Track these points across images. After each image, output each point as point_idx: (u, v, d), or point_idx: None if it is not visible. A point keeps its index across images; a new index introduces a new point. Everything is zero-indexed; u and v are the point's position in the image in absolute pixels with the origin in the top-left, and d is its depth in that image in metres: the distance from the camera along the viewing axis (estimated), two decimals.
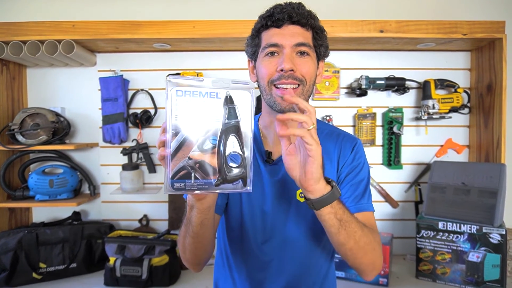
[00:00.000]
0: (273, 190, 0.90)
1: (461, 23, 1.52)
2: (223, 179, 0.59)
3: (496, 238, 1.37)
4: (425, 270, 1.50)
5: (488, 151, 1.62)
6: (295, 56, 0.81)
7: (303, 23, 0.82)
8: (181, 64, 1.75)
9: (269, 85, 0.81)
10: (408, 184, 1.78)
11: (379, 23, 1.51)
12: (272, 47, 0.81)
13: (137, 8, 1.76)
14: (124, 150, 1.70)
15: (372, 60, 1.75)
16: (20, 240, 1.49)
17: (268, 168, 0.90)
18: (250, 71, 0.92)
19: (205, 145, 0.58)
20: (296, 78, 0.80)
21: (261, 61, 0.84)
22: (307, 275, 0.92)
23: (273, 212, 0.90)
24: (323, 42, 0.87)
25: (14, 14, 1.75)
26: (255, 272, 0.93)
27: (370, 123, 1.74)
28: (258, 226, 0.91)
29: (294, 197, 0.90)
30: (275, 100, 0.81)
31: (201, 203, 0.69)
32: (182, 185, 0.58)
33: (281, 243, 0.91)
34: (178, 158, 0.57)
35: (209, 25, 1.51)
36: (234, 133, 0.60)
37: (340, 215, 0.72)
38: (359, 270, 0.83)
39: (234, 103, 0.59)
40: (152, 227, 1.79)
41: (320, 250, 0.93)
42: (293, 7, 0.81)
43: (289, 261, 0.91)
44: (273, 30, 0.82)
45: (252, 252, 0.92)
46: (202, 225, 0.75)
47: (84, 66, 1.76)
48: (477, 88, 1.70)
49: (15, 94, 1.73)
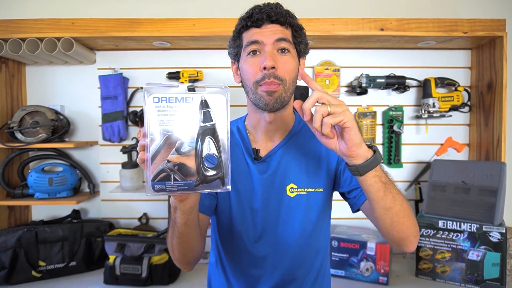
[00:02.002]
0: (262, 187, 0.91)
1: (461, 21, 1.51)
2: (201, 180, 0.63)
3: (496, 236, 1.37)
4: (425, 269, 1.50)
5: (488, 149, 1.62)
6: (277, 53, 0.83)
7: (282, 22, 0.84)
8: (181, 62, 1.74)
9: (255, 85, 0.83)
10: (408, 182, 1.78)
11: (379, 21, 1.51)
12: (254, 44, 0.83)
13: (136, 6, 1.76)
14: (123, 148, 1.70)
15: (373, 59, 1.75)
16: (20, 238, 1.49)
17: (257, 166, 0.92)
18: (234, 72, 0.94)
19: (183, 148, 0.62)
20: (277, 77, 0.81)
21: (244, 61, 0.86)
22: (301, 270, 0.94)
23: (263, 209, 0.91)
24: (303, 39, 0.88)
25: (13, 12, 1.75)
26: (249, 269, 0.94)
27: (370, 122, 1.74)
28: (249, 223, 0.92)
29: (284, 193, 0.91)
30: (261, 97, 0.83)
31: (184, 204, 0.71)
32: (163, 187, 0.61)
33: (274, 239, 0.92)
34: (158, 161, 0.60)
35: (209, 23, 1.51)
36: (210, 135, 0.63)
37: (385, 178, 0.73)
38: (404, 238, 0.81)
39: (209, 106, 0.63)
40: (152, 225, 1.79)
41: (312, 244, 0.95)
42: (271, 7, 0.84)
43: (283, 257, 0.93)
44: (254, 30, 0.84)
45: (245, 249, 0.93)
46: (186, 225, 0.76)
47: (83, 64, 1.76)
48: (478, 86, 1.69)
49: (14, 92, 1.73)
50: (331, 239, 1.55)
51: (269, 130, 0.91)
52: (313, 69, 1.73)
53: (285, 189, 0.91)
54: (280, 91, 0.82)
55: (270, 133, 0.92)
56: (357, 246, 1.50)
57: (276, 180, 0.91)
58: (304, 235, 0.92)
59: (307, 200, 0.91)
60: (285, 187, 0.91)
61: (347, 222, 1.75)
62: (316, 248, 0.95)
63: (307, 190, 0.91)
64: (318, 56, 1.74)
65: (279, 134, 0.93)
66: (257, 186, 0.91)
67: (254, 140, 0.94)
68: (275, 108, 0.84)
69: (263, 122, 0.90)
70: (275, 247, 0.92)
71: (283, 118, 0.91)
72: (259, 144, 0.93)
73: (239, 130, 0.96)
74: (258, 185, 0.91)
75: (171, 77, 1.72)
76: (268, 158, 0.91)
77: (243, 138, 0.94)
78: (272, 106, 0.83)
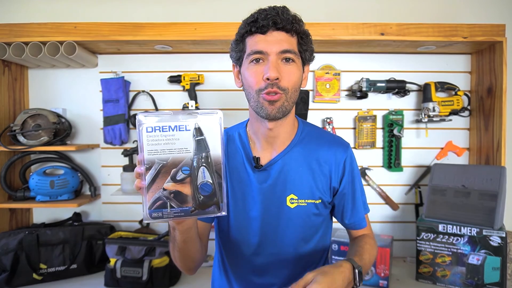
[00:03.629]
0: (262, 197, 0.90)
1: (461, 26, 1.52)
2: (196, 207, 0.64)
3: (496, 240, 1.37)
4: (425, 273, 1.50)
5: (488, 153, 1.62)
6: (280, 63, 0.81)
7: (288, 29, 0.81)
8: (182, 65, 1.75)
9: (257, 93, 0.82)
10: (408, 186, 1.79)
11: (380, 26, 1.52)
12: (257, 54, 0.81)
13: (138, 10, 1.77)
14: (125, 151, 1.70)
15: (373, 63, 1.75)
16: (21, 241, 1.49)
17: (257, 174, 0.90)
18: (235, 75, 0.92)
19: (178, 176, 0.63)
20: (280, 87, 0.80)
21: (246, 68, 0.84)
22: (299, 277, 0.94)
23: (262, 219, 0.90)
24: (308, 47, 0.87)
25: (16, 16, 1.76)
26: (250, 276, 0.94)
27: (371, 126, 1.74)
28: (247, 232, 0.91)
29: (284, 204, 0.90)
30: (262, 105, 0.82)
31: (181, 225, 0.72)
32: (160, 214, 0.63)
33: (273, 249, 0.91)
34: (154, 190, 0.63)
35: (211, 27, 1.52)
36: (204, 164, 0.64)
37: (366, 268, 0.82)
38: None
39: (203, 134, 0.63)
40: (153, 228, 1.80)
41: (313, 254, 0.94)
42: (278, 12, 0.80)
43: (283, 267, 0.92)
44: (258, 37, 0.81)
45: (245, 257, 0.93)
46: (185, 242, 0.78)
47: (85, 68, 1.77)
48: (478, 91, 1.70)
49: (16, 95, 1.74)
50: (332, 242, 1.55)
51: (270, 137, 0.90)
52: (314, 73, 1.74)
53: (285, 199, 0.90)
54: (282, 101, 0.81)
55: (271, 140, 0.90)
56: None
57: (277, 190, 0.90)
58: (304, 246, 0.92)
59: (307, 211, 0.90)
60: (285, 198, 0.90)
61: None
62: (316, 259, 0.96)
63: (307, 202, 0.90)
64: (319, 60, 1.75)
65: (280, 142, 0.91)
66: (256, 196, 0.90)
67: (255, 148, 0.93)
68: (277, 118, 0.83)
69: (264, 129, 0.89)
70: (274, 257, 0.92)
71: (285, 126, 0.89)
72: (260, 152, 0.92)
73: (240, 136, 0.95)
74: (257, 194, 0.90)
75: (172, 81, 1.73)
76: (268, 167, 0.90)
77: (244, 145, 0.93)
78: (274, 115, 0.82)
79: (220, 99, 1.76)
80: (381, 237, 1.59)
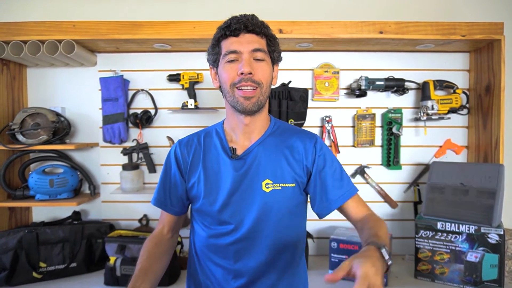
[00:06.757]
0: (237, 183, 0.96)
1: (460, 25, 1.53)
2: None
3: (494, 238, 1.38)
4: (423, 270, 1.50)
5: (487, 151, 1.63)
6: (253, 61, 0.91)
7: (258, 32, 0.92)
8: (181, 64, 1.75)
9: (232, 87, 0.92)
10: (407, 184, 1.79)
11: (378, 24, 1.52)
12: (232, 53, 0.91)
13: (137, 9, 1.77)
14: (124, 150, 1.70)
15: (372, 61, 1.76)
16: (20, 239, 1.49)
17: (233, 163, 0.98)
18: (213, 77, 1.01)
19: None
20: (254, 81, 0.90)
21: (223, 67, 0.93)
22: (279, 262, 0.99)
23: (238, 203, 0.96)
24: (276, 48, 0.97)
25: (14, 14, 1.76)
26: (225, 260, 0.99)
27: (370, 124, 1.75)
28: (225, 217, 0.97)
29: (260, 188, 0.96)
30: (238, 100, 0.92)
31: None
32: None
33: (250, 233, 0.96)
34: None
35: (210, 25, 1.52)
36: None
37: (386, 243, 0.81)
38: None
39: None
40: (152, 226, 1.80)
41: (289, 237, 0.99)
42: (248, 18, 0.92)
43: (260, 250, 0.97)
44: (232, 39, 0.92)
45: (221, 243, 0.98)
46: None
47: (84, 66, 1.77)
48: (476, 89, 1.71)
49: (15, 94, 1.74)
50: (331, 240, 1.56)
51: (246, 132, 0.99)
52: (313, 72, 1.74)
53: (260, 184, 0.96)
54: (258, 95, 0.92)
55: (247, 134, 0.99)
56: (357, 248, 1.51)
57: (252, 176, 0.97)
58: (280, 230, 0.97)
59: (282, 194, 0.96)
60: (261, 183, 0.96)
61: (346, 223, 1.75)
62: (292, 244, 1.00)
63: (282, 186, 0.97)
64: (318, 58, 1.75)
65: (255, 134, 1.00)
66: (231, 182, 0.96)
67: (231, 141, 1.01)
68: (252, 112, 0.93)
69: (241, 124, 0.97)
70: (250, 242, 0.96)
71: (260, 120, 0.99)
72: (236, 142, 1.00)
73: (217, 132, 1.04)
74: (232, 180, 0.96)
75: (171, 79, 1.73)
76: (244, 156, 0.98)
77: (221, 139, 1.02)
78: (250, 109, 0.92)
79: (219, 98, 1.75)
80: None
